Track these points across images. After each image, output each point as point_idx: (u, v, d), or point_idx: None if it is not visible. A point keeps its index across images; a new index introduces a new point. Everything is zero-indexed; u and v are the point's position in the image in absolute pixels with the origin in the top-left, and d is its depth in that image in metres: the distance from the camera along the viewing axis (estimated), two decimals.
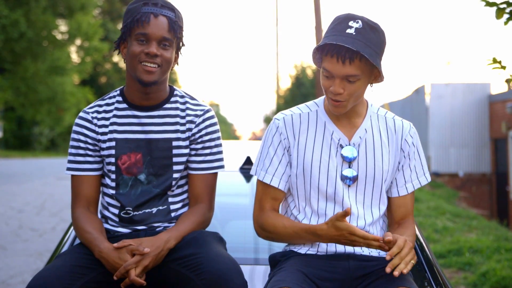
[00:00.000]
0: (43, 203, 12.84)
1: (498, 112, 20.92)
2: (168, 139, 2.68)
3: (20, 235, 9.10)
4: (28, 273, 6.70)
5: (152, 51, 2.57)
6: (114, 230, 2.69)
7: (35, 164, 25.91)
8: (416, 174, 2.68)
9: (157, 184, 2.68)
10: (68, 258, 2.50)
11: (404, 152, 2.66)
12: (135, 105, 2.71)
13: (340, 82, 2.44)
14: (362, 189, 2.61)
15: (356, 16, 2.45)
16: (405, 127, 2.67)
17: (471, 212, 13.43)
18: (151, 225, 2.67)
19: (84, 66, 33.64)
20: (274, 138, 2.65)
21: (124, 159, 2.67)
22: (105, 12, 45.42)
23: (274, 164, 2.63)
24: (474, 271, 6.59)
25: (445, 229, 9.20)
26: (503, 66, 4.02)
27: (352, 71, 2.41)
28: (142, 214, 2.67)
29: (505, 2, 4.05)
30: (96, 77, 43.98)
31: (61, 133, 38.64)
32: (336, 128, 2.61)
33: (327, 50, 2.43)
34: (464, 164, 21.92)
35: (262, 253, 3.11)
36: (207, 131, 2.73)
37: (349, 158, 2.58)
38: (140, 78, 2.60)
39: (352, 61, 2.39)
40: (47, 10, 27.63)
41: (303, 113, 2.67)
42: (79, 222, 2.65)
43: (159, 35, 2.58)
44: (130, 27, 2.60)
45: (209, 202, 2.75)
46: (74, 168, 2.72)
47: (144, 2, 2.61)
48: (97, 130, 2.70)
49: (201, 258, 2.41)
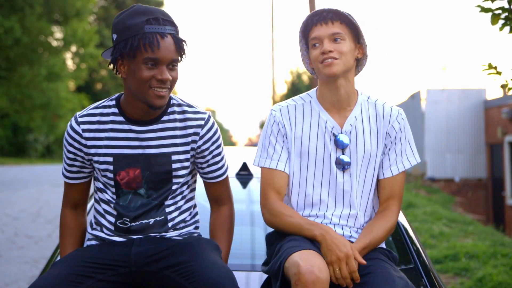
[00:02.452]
0: (38, 210, 12.80)
1: (494, 117, 20.96)
2: (167, 154, 2.63)
3: (15, 242, 9.07)
4: (24, 280, 6.67)
5: (166, 78, 2.49)
6: (108, 239, 2.67)
7: (31, 171, 25.86)
8: (401, 158, 2.79)
9: (156, 197, 2.66)
10: (64, 266, 2.49)
11: (391, 137, 2.77)
12: (132, 119, 2.63)
13: (328, 42, 2.66)
14: (356, 174, 2.74)
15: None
16: (393, 113, 2.79)
17: (467, 218, 13.43)
18: (147, 234, 2.66)
19: (79, 72, 33.68)
20: (273, 127, 2.79)
21: (123, 174, 2.63)
22: (100, 18, 45.44)
23: (277, 150, 2.77)
24: (470, 277, 6.59)
25: (441, 234, 9.20)
26: (499, 71, 4.02)
27: (336, 29, 2.67)
28: (139, 224, 2.65)
29: (500, 8, 4.06)
30: (91, 84, 43.95)
31: (57, 140, 38.57)
32: (329, 117, 2.76)
33: (310, 22, 2.73)
34: (460, 169, 21.94)
35: (258, 259, 3.10)
36: (213, 140, 2.70)
37: (342, 145, 2.72)
38: (151, 103, 2.52)
39: (334, 21, 2.68)
40: (43, 16, 27.63)
41: (298, 104, 2.82)
42: (62, 220, 2.79)
43: (169, 59, 2.49)
44: (135, 49, 2.46)
45: (229, 201, 2.82)
46: (65, 175, 2.76)
47: (146, 19, 2.47)
48: (87, 143, 2.63)
49: (195, 266, 2.43)
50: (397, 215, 2.75)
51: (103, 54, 2.66)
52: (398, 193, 2.79)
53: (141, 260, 2.54)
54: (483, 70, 4.04)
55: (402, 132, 2.78)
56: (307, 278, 2.31)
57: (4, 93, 28.02)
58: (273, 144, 2.76)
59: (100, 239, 2.69)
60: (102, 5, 46.13)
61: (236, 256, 3.03)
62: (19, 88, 28.33)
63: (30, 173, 24.37)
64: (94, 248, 2.62)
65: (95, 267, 2.51)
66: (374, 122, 2.77)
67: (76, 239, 2.76)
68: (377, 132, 2.76)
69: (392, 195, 2.77)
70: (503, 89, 4.34)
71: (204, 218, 3.00)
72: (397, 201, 2.78)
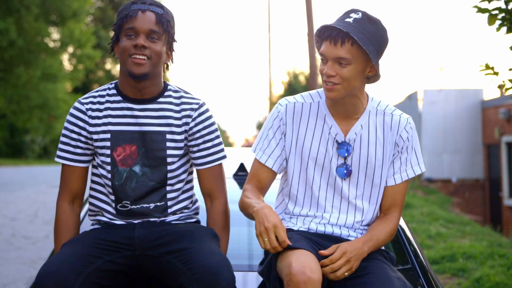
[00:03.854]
0: (36, 211, 12.80)
1: (491, 117, 20.97)
2: (162, 132, 2.73)
3: (13, 243, 9.07)
4: (21, 281, 6.67)
5: (139, 43, 2.63)
6: (110, 222, 2.76)
7: (28, 172, 25.82)
8: (405, 167, 2.76)
9: (152, 177, 2.74)
10: (77, 246, 2.60)
11: (398, 147, 2.74)
12: (129, 98, 2.75)
13: (332, 65, 2.55)
14: (356, 182, 2.73)
15: (360, 10, 2.59)
16: (401, 122, 2.73)
17: (465, 218, 13.44)
18: (147, 219, 2.74)
19: (76, 73, 33.61)
20: (275, 122, 2.78)
21: (119, 151, 2.72)
22: (97, 19, 45.36)
23: (271, 146, 2.77)
24: (467, 277, 6.59)
25: (438, 235, 9.20)
26: (496, 72, 4.03)
27: (342, 54, 2.52)
28: (140, 208, 2.74)
29: (497, 9, 4.07)
30: (88, 85, 43.86)
31: (54, 141, 38.48)
32: (334, 122, 2.72)
33: (323, 33, 2.58)
34: (457, 170, 21.96)
35: (256, 260, 3.10)
36: (204, 124, 2.79)
37: (344, 154, 2.70)
38: (130, 71, 2.66)
39: (343, 43, 2.51)
40: (39, 18, 27.59)
41: (306, 102, 2.78)
42: (59, 216, 2.80)
43: (146, 28, 2.65)
44: (120, 24, 2.68)
45: (222, 195, 2.84)
46: (65, 157, 2.79)
47: (133, 1, 2.70)
48: (90, 121, 2.74)
49: (193, 253, 2.51)
50: (398, 221, 2.76)
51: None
52: (400, 201, 2.78)
53: (144, 244, 2.63)
54: (480, 70, 4.05)
55: (410, 141, 2.75)
56: (299, 278, 2.31)
57: (1, 94, 27.98)
58: (269, 138, 2.78)
59: (103, 223, 2.79)
60: (99, 6, 46.08)
61: (233, 256, 3.03)
62: (16, 89, 28.26)
63: (28, 174, 24.33)
64: (98, 231, 2.73)
65: (103, 248, 2.60)
66: (381, 131, 2.73)
67: (72, 237, 2.78)
68: (384, 142, 2.73)
69: (394, 203, 2.77)
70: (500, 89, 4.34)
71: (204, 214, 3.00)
72: (399, 209, 2.78)
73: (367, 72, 2.61)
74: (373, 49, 2.53)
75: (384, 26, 2.60)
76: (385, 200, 2.77)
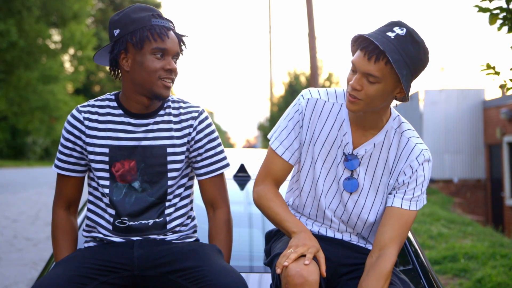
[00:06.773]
0: (37, 212, 12.79)
1: (493, 117, 20.97)
2: (162, 146, 2.66)
3: (14, 244, 9.06)
4: (23, 282, 6.67)
5: (174, 68, 2.59)
6: (107, 239, 2.67)
7: (30, 173, 25.82)
8: (404, 195, 2.57)
9: (152, 193, 2.66)
10: (68, 267, 2.49)
11: (405, 175, 2.57)
12: (130, 113, 2.67)
13: (360, 78, 2.39)
14: (364, 195, 2.63)
15: (405, 25, 2.40)
16: (415, 151, 2.57)
17: (466, 218, 13.43)
18: (146, 236, 2.66)
19: (77, 75, 33.67)
20: (296, 114, 2.65)
21: (118, 166, 2.64)
22: (98, 21, 45.38)
23: (290, 138, 2.65)
24: (469, 277, 6.59)
25: (440, 235, 9.20)
26: (497, 71, 4.02)
27: (373, 71, 2.36)
28: (139, 224, 2.65)
29: (499, 8, 4.06)
30: (89, 86, 43.90)
31: (55, 142, 38.49)
32: (349, 131, 2.59)
33: (359, 43, 2.41)
34: (459, 170, 21.95)
35: (257, 261, 3.10)
36: (205, 132, 2.72)
37: (349, 167, 2.61)
38: (159, 94, 2.58)
39: (377, 60, 2.34)
40: (40, 19, 27.64)
41: (328, 102, 2.63)
42: (56, 221, 2.74)
43: (175, 51, 2.60)
44: (144, 39, 2.54)
45: (224, 204, 2.77)
46: (59, 166, 2.73)
47: (151, 14, 2.59)
48: (87, 132, 2.66)
49: (205, 271, 2.43)
50: (393, 261, 2.54)
51: (95, 57, 2.75)
52: (398, 234, 2.57)
53: (144, 264, 2.54)
54: (481, 70, 4.04)
55: (417, 172, 2.56)
56: (296, 280, 2.29)
57: (2, 96, 28.02)
58: (289, 129, 2.64)
59: (99, 240, 2.69)
60: (100, 7, 46.12)
61: (234, 258, 3.03)
62: (17, 91, 28.34)
63: (29, 175, 24.33)
64: (94, 249, 2.62)
65: (98, 269, 2.51)
66: (393, 154, 2.59)
67: (71, 242, 2.73)
68: (392, 167, 2.59)
69: (391, 234, 2.57)
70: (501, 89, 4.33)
71: (203, 220, 2.99)
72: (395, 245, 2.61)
73: (396, 93, 2.46)
74: (407, 73, 2.36)
75: (426, 47, 2.42)
76: (382, 229, 2.56)
